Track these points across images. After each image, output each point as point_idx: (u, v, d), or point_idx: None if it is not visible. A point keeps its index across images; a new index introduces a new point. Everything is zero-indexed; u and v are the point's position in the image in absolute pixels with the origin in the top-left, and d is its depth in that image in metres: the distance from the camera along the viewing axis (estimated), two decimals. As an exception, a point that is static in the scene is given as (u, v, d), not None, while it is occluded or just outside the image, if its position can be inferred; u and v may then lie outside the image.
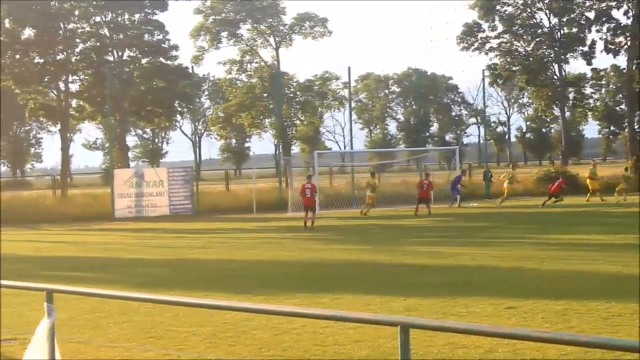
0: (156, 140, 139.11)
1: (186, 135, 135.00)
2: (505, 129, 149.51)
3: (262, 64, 60.67)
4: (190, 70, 56.74)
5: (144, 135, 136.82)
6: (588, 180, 44.15)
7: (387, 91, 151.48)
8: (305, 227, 33.31)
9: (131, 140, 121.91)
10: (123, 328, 13.53)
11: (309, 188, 34.49)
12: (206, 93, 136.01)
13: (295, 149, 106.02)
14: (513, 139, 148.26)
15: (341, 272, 19.75)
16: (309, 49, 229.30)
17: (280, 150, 61.60)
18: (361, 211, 39.80)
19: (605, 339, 5.25)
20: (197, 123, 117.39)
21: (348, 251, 24.26)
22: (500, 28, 64.15)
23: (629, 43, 61.44)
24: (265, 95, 58.88)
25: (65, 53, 54.00)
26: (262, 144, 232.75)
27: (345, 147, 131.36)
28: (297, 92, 61.10)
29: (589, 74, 75.89)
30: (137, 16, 56.53)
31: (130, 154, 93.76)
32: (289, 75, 61.81)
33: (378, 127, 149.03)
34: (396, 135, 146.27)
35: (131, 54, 56.83)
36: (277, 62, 59.90)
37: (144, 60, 57.14)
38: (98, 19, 55.72)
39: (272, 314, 11.69)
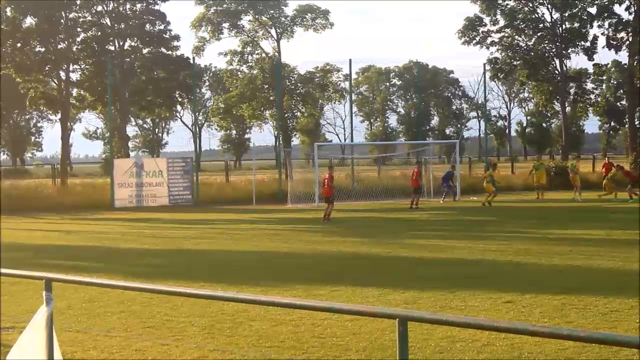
0: (156, 130, 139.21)
1: (186, 126, 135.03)
2: (506, 124, 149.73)
3: (263, 55, 60.63)
4: (191, 61, 56.67)
5: (144, 126, 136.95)
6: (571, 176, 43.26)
7: (387, 84, 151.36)
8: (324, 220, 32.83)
9: (131, 130, 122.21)
10: (121, 318, 13.53)
11: (326, 178, 34.35)
12: (207, 84, 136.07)
13: (296, 140, 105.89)
14: (513, 134, 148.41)
15: (339, 264, 19.73)
16: (310, 41, 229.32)
17: (281, 142, 61.55)
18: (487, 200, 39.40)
19: (603, 334, 5.24)
20: (197, 114, 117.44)
21: (346, 243, 24.22)
22: (501, 22, 64.11)
23: (630, 39, 61.37)
24: (266, 86, 58.83)
25: (66, 42, 54.01)
26: (262, 135, 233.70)
27: (345, 139, 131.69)
28: (298, 84, 61.06)
29: (590, 70, 75.82)
30: (138, 6, 56.49)
31: (130, 144, 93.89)
32: (290, 66, 61.76)
33: (378, 119, 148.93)
34: (396, 128, 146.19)
35: (132, 43, 56.78)
36: (278, 54, 59.85)
37: (145, 50, 57.09)
38: (100, 8, 55.70)
39: (270, 305, 11.69)
